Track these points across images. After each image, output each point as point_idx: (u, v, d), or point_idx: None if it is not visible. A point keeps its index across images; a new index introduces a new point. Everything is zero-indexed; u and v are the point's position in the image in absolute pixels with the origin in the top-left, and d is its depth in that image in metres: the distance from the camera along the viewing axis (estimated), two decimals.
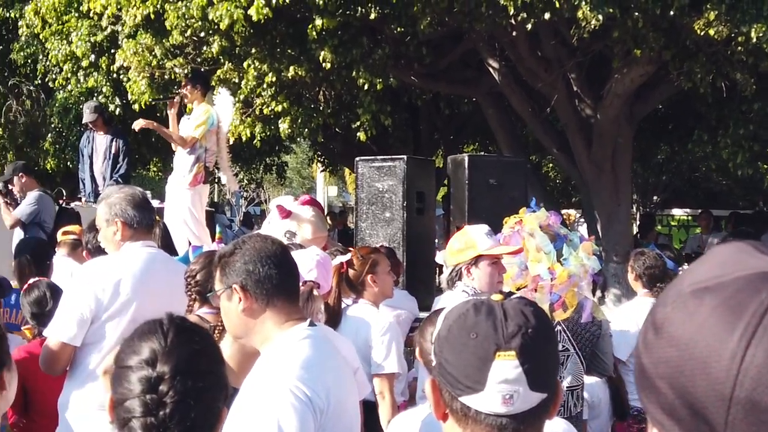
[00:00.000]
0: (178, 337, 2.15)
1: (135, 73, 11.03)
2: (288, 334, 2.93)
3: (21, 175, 10.04)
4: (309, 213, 6.73)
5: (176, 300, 4.23)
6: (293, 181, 46.21)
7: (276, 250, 2.99)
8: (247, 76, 10.52)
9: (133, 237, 4.47)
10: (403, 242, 8.58)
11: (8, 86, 15.58)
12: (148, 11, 9.85)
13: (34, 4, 12.72)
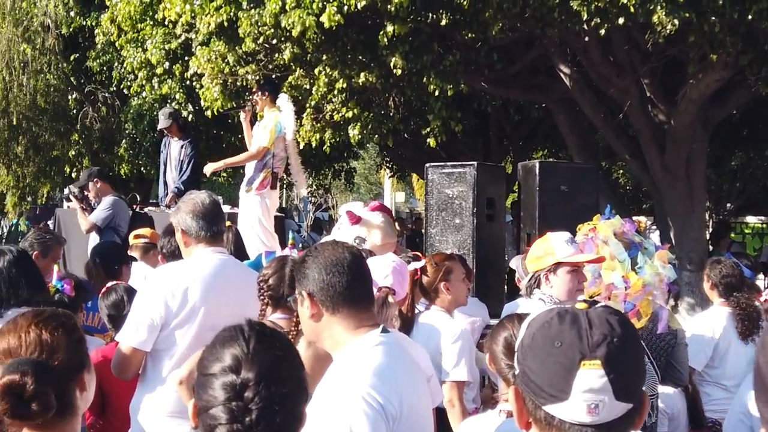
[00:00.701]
0: (260, 343, 2.16)
1: (208, 80, 11.17)
2: (361, 340, 2.94)
3: (96, 180, 10.19)
4: (378, 219, 6.73)
5: (246, 306, 4.25)
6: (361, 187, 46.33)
7: (346, 257, 3.01)
8: (318, 82, 10.58)
9: (199, 244, 4.47)
10: (473, 249, 8.54)
11: (84, 93, 15.87)
12: (221, 19, 9.97)
13: (110, 13, 12.96)
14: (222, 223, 4.56)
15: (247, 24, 9.61)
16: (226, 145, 17.10)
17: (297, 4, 9.08)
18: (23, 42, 14.58)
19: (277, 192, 9.87)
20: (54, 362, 2.40)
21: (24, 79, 14.58)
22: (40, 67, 14.92)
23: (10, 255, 4.67)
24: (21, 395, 2.29)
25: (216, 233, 4.50)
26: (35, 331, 2.45)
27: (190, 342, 4.24)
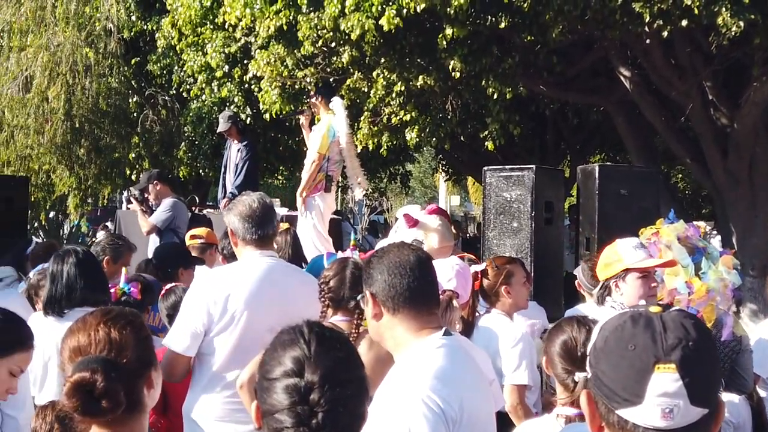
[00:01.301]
0: (321, 345, 2.16)
1: (267, 84, 11.26)
2: (423, 342, 2.94)
3: (156, 182, 10.30)
4: (436, 222, 6.72)
5: (295, 309, 4.15)
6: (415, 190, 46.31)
7: (410, 259, 3.02)
8: (376, 85, 10.61)
9: (248, 246, 4.46)
10: (531, 252, 8.48)
11: (145, 96, 16.08)
12: (281, 23, 10.04)
13: (171, 17, 13.12)
14: (271, 226, 4.49)
15: (307, 27, 9.67)
16: (283, 148, 17.24)
17: (356, 8, 9.11)
18: (86, 46, 14.81)
19: (332, 195, 9.91)
20: (122, 360, 2.44)
21: (86, 82, 14.81)
22: (102, 70, 15.14)
23: (74, 256, 4.74)
24: (91, 392, 2.33)
25: (263, 236, 4.45)
26: (104, 330, 2.50)
27: (233, 347, 4.24)
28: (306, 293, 4.42)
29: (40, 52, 14.54)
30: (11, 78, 14.70)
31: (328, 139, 9.36)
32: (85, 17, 14.97)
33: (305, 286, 4.49)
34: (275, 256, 4.53)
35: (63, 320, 4.57)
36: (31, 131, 14.64)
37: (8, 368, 3.45)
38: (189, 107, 15.52)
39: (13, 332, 3.51)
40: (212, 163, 16.16)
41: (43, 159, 15.27)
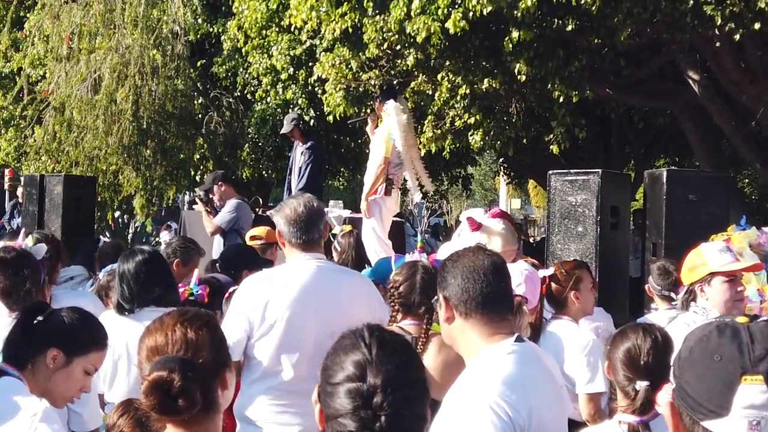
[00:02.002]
0: (382, 348, 2.17)
1: (331, 86, 11.31)
2: (494, 348, 2.93)
3: (220, 183, 10.39)
4: (499, 226, 6.69)
5: (343, 310, 4.23)
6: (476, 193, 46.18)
7: (485, 264, 3.01)
8: (441, 88, 10.61)
9: (294, 249, 4.43)
10: (596, 258, 8.38)
11: (210, 98, 16.25)
12: (346, 25, 10.07)
13: (237, 20, 13.26)
14: (316, 231, 4.42)
15: (372, 30, 9.69)
16: (345, 150, 17.32)
17: (422, 11, 9.11)
18: (153, 49, 15.02)
19: (393, 198, 9.92)
20: (199, 360, 2.47)
21: (153, 84, 15.01)
22: (169, 73, 15.33)
23: (141, 255, 4.80)
24: (168, 391, 2.36)
25: (309, 241, 4.40)
26: (181, 330, 2.53)
27: (275, 351, 4.23)
28: (356, 294, 4.40)
29: (108, 55, 14.78)
30: (81, 80, 14.95)
31: (390, 142, 9.40)
32: (153, 20, 15.17)
33: (355, 287, 4.46)
34: (323, 258, 4.48)
35: (132, 319, 4.63)
36: (100, 132, 14.87)
37: (84, 367, 3.50)
38: (253, 109, 15.66)
39: (90, 332, 3.57)
40: (275, 165, 16.30)
41: (111, 160, 15.49)
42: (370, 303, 4.40)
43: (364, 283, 4.53)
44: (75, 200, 11.41)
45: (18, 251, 4.71)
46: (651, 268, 6.30)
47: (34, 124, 16.86)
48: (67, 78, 15.11)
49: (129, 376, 4.61)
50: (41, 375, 3.42)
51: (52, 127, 15.49)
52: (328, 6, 9.83)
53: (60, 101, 15.31)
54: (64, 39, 15.25)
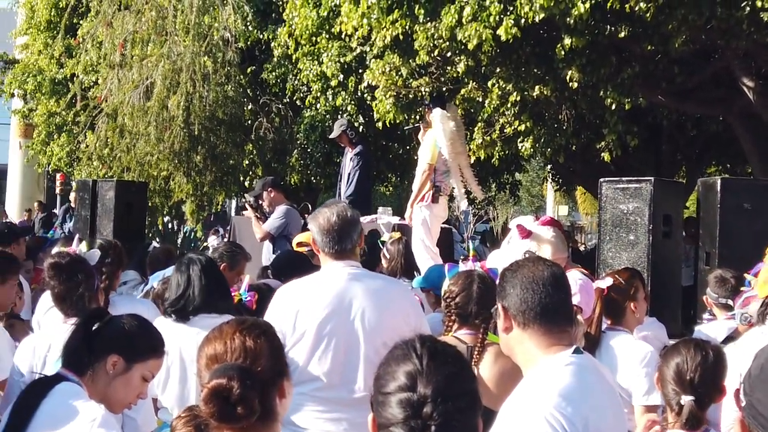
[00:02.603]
0: (433, 359, 2.19)
1: (381, 93, 11.32)
2: (552, 359, 2.92)
3: (270, 190, 10.43)
4: (549, 233, 6.63)
5: (379, 317, 4.22)
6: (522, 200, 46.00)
7: (544, 274, 3.01)
8: (491, 95, 10.57)
9: (327, 257, 4.41)
10: (648, 267, 8.30)
11: (259, 104, 16.36)
12: (397, 32, 10.07)
13: (287, 27, 13.32)
14: (349, 240, 4.38)
15: (423, 37, 9.68)
16: (393, 156, 17.33)
17: (473, 18, 9.08)
18: (204, 55, 15.15)
19: (441, 205, 9.91)
20: (257, 368, 2.50)
21: (204, 91, 15.15)
22: (219, 79, 15.46)
23: (198, 264, 4.83)
24: (227, 398, 2.38)
25: (341, 251, 4.38)
26: (239, 338, 2.56)
27: (307, 359, 4.22)
28: (389, 301, 4.35)
29: (160, 62, 14.94)
30: (133, 87, 15.13)
31: (436, 149, 9.42)
32: (204, 27, 15.32)
33: (389, 294, 4.40)
34: (357, 266, 4.44)
35: (186, 326, 4.66)
36: (152, 138, 15.04)
37: (142, 373, 3.54)
38: (302, 115, 15.74)
39: (149, 339, 3.61)
40: (323, 171, 16.37)
41: (162, 165, 15.66)
42: (405, 310, 4.35)
43: (398, 291, 4.49)
44: (126, 205, 11.54)
45: (72, 257, 4.77)
46: (708, 277, 6.21)
47: (87, 130, 17.09)
48: (119, 85, 15.30)
49: (181, 382, 4.64)
50: (101, 381, 3.46)
51: (105, 133, 15.69)
52: (379, 13, 9.83)
53: (113, 108, 15.50)
54: (117, 46, 15.44)
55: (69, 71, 18.93)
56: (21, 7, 23.69)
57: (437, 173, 9.58)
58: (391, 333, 4.20)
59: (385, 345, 4.13)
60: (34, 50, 21.77)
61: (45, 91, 21.19)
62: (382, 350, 4.13)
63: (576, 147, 14.33)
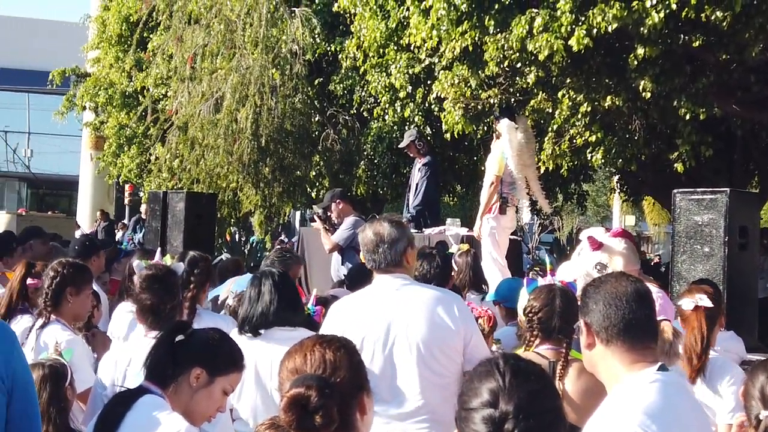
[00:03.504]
0: (516, 377, 2.22)
1: (450, 104, 11.31)
2: (636, 376, 2.90)
3: (338, 201, 10.51)
4: (621, 245, 6.55)
5: (419, 331, 4.20)
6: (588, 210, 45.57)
7: (628, 290, 3.00)
8: (561, 106, 10.48)
9: (375, 272, 4.45)
10: (724, 279, 8.15)
11: (326, 116, 16.45)
12: (466, 43, 10.05)
13: (356, 39, 13.38)
14: (391, 255, 4.38)
15: (494, 48, 9.63)
16: (460, 167, 17.29)
17: (545, 28, 9.02)
18: (273, 68, 15.29)
19: (508, 216, 9.86)
20: (336, 379, 2.55)
21: (272, 103, 15.28)
22: (287, 91, 15.58)
23: (271, 277, 4.86)
24: (306, 407, 2.43)
25: (384, 265, 4.40)
26: (319, 351, 2.63)
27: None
28: (437, 314, 4.31)
29: (230, 75, 15.11)
30: (203, 100, 15.33)
31: (503, 160, 9.40)
32: (272, 40, 15.46)
33: (437, 306, 4.35)
34: (405, 278, 4.44)
35: (261, 340, 4.69)
36: (221, 150, 15.21)
37: (223, 387, 3.57)
38: (370, 127, 15.79)
39: (230, 352, 3.64)
40: (390, 182, 16.39)
41: (231, 177, 15.82)
42: (453, 320, 4.30)
43: (446, 301, 4.43)
44: (196, 216, 11.70)
45: (165, 269, 4.86)
46: None
47: (157, 142, 17.35)
48: (189, 98, 15.51)
49: (256, 395, 4.67)
50: (184, 394, 3.49)
51: (176, 145, 15.91)
52: (448, 24, 9.82)
53: (183, 120, 15.72)
54: (186, 60, 15.67)
55: (139, 84, 19.27)
56: (92, 21, 24.17)
57: (504, 184, 9.56)
58: (439, 344, 4.21)
59: (434, 357, 4.15)
60: (105, 64, 22.19)
61: (116, 104, 21.59)
62: (432, 362, 4.15)
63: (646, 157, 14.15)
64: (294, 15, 15.30)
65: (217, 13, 15.55)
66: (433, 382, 4.22)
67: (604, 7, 8.60)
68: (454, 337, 4.24)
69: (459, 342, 4.26)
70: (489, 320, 5.60)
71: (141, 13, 18.39)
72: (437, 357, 4.22)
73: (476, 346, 4.31)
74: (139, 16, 18.72)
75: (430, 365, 4.21)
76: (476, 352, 4.25)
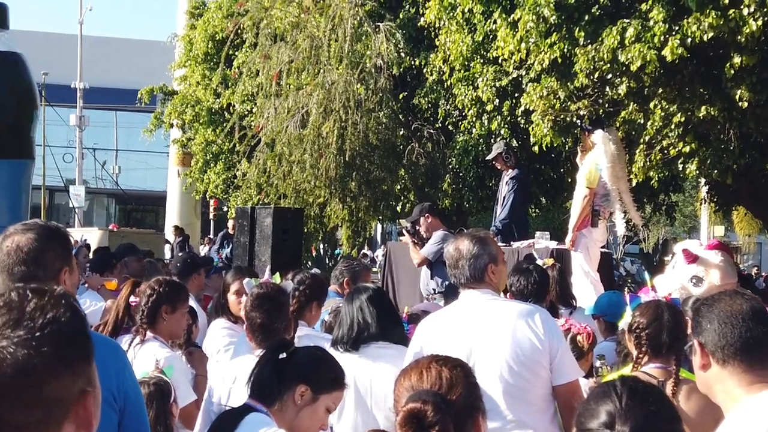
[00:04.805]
0: (633, 398, 2.20)
1: (539, 116, 11.22)
2: (755, 399, 2.78)
3: (427, 215, 10.47)
4: (717, 258, 6.44)
5: (504, 346, 4.14)
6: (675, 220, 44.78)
7: (744, 308, 2.88)
8: (653, 117, 10.30)
9: (460, 287, 4.39)
10: None
11: (411, 130, 16.47)
12: (555, 55, 9.96)
13: (442, 53, 13.38)
14: (473, 269, 4.29)
15: (584, 60, 9.53)
16: (545, 179, 17.13)
17: (637, 39, 8.89)
18: (358, 83, 15.39)
19: (600, 229, 9.73)
20: (452, 397, 2.55)
21: (357, 118, 15.36)
22: (372, 106, 15.66)
23: (366, 293, 4.86)
24: (422, 422, 2.42)
25: (466, 281, 4.33)
26: (436, 368, 2.64)
27: None
28: (523, 325, 4.22)
29: (315, 90, 15.26)
30: (290, 115, 15.50)
31: (595, 172, 9.26)
32: (357, 55, 15.56)
33: (523, 318, 4.26)
34: (490, 293, 4.36)
35: (359, 356, 4.67)
36: (307, 165, 15.34)
37: (327, 404, 3.58)
38: (455, 140, 15.76)
39: (333, 370, 3.65)
40: (476, 195, 16.32)
41: (317, 192, 15.94)
42: (537, 334, 4.20)
43: (532, 317, 4.31)
44: (283, 231, 11.77)
45: (276, 288, 4.91)
46: None
47: (244, 158, 17.59)
48: (276, 114, 15.70)
49: (356, 411, 4.66)
50: (288, 411, 3.50)
51: (264, 161, 16.10)
52: (537, 37, 9.75)
53: (271, 136, 15.91)
54: (272, 77, 15.88)
55: (225, 101, 19.58)
56: (179, 40, 24.70)
57: (596, 197, 9.42)
58: (524, 359, 4.14)
59: (519, 372, 4.08)
60: (192, 81, 22.63)
61: (202, 121, 22.00)
62: (517, 378, 4.09)
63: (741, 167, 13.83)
64: (378, 30, 15.38)
65: (303, 30, 15.72)
66: (519, 398, 4.16)
67: (699, 16, 8.45)
68: (539, 353, 4.17)
69: (544, 357, 4.19)
70: (588, 337, 5.49)
71: (227, 31, 18.71)
72: (522, 373, 4.16)
73: (563, 359, 4.23)
74: (226, 34, 19.04)
75: (515, 381, 4.15)
76: (563, 365, 4.20)
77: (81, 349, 1.61)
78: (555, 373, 4.18)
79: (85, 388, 1.61)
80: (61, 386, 1.56)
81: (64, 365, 1.56)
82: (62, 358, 1.56)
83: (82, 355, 1.61)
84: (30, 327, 1.54)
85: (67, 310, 1.60)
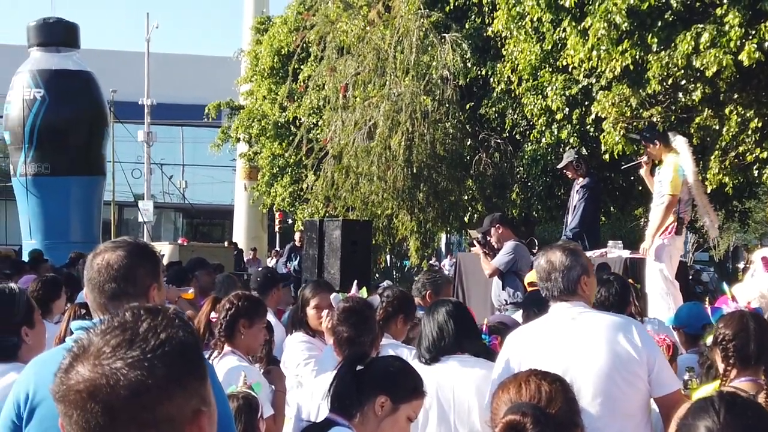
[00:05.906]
0: (730, 413, 2.16)
1: (610, 124, 11.08)
2: None
3: (498, 226, 10.37)
4: None
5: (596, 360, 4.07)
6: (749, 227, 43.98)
7: None
8: (729, 122, 10.11)
9: (551, 300, 4.33)
10: None
11: (478, 140, 16.40)
12: (626, 63, 9.84)
13: (510, 62, 13.31)
14: (565, 281, 4.25)
15: (657, 66, 9.40)
16: (614, 188, 16.93)
17: (712, 44, 8.74)
18: (424, 94, 15.38)
19: (682, 238, 9.54)
20: (551, 410, 2.54)
21: (424, 129, 15.35)
22: (439, 117, 15.64)
23: (446, 306, 4.84)
24: None
25: (557, 294, 4.28)
26: (535, 382, 2.65)
27: None
28: (618, 337, 4.14)
29: (382, 102, 15.28)
30: (357, 128, 15.55)
31: (678, 179, 9.04)
32: (423, 66, 15.56)
33: (617, 330, 4.18)
34: (581, 306, 4.28)
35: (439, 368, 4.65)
36: (374, 177, 15.37)
37: (407, 414, 3.57)
38: (524, 149, 15.65)
39: (412, 379, 3.64)
40: (544, 204, 16.18)
41: (385, 204, 15.95)
42: (633, 346, 4.11)
43: (628, 329, 4.22)
44: (352, 243, 11.79)
45: (363, 302, 4.94)
46: None
47: (311, 171, 17.68)
48: (343, 126, 15.77)
49: (440, 424, 4.62)
50: (369, 423, 3.49)
51: (331, 174, 16.18)
52: (608, 44, 9.64)
53: (338, 149, 15.98)
54: (339, 90, 15.96)
55: (291, 114, 19.73)
56: (245, 55, 24.96)
57: (681, 204, 9.20)
58: (622, 372, 4.07)
59: (617, 385, 4.01)
60: (258, 96, 22.85)
61: (269, 135, 22.18)
62: (615, 391, 4.01)
63: None
64: (444, 41, 15.36)
65: (368, 43, 15.77)
66: (618, 411, 4.10)
67: None
68: (637, 365, 4.10)
69: (642, 369, 4.12)
70: (669, 349, 5.38)
71: (294, 45, 18.86)
72: (620, 385, 4.09)
73: (661, 370, 4.15)
74: (292, 48, 19.19)
75: (612, 394, 4.09)
76: (662, 376, 4.12)
77: (195, 369, 1.60)
78: (654, 385, 4.12)
79: (199, 408, 1.60)
80: (174, 407, 1.55)
81: (178, 386, 1.56)
82: (176, 378, 1.55)
83: (196, 374, 1.60)
84: (143, 348, 1.53)
85: (181, 330, 1.60)
